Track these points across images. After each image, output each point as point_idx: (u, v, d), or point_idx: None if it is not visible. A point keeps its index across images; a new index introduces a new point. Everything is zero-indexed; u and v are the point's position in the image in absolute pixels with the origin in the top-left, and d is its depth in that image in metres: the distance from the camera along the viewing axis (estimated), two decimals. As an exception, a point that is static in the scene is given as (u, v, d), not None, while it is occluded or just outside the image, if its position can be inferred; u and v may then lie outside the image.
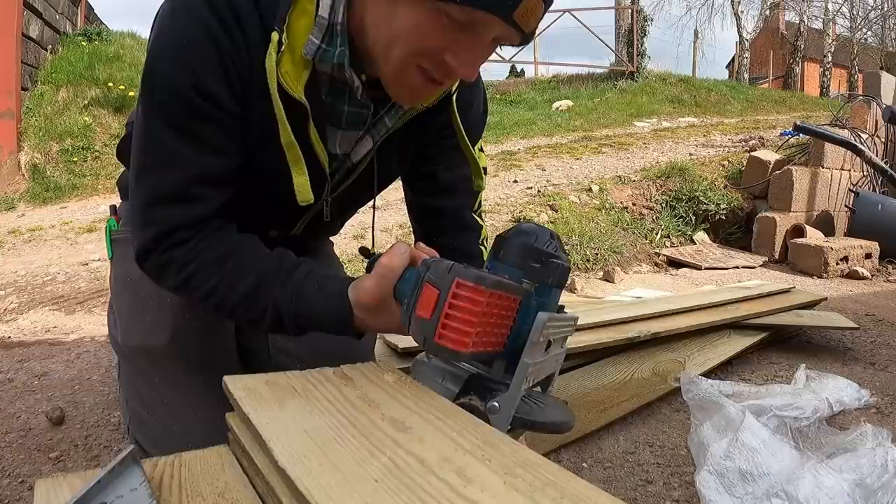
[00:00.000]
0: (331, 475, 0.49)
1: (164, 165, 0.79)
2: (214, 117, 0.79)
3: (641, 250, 3.75)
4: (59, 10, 6.31)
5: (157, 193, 0.80)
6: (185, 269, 0.82)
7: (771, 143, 5.66)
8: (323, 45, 0.79)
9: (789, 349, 2.01)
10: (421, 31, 0.72)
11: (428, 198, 1.11)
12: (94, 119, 5.48)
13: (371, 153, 0.95)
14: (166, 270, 0.83)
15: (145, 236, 0.82)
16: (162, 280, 0.85)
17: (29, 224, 3.87)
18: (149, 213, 0.81)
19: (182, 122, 0.78)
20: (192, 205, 0.81)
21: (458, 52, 0.74)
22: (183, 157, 0.79)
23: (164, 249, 0.82)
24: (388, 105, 0.92)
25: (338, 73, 0.83)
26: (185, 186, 0.80)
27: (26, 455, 1.23)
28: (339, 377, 0.72)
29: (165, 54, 0.76)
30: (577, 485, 0.48)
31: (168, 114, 0.77)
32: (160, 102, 0.77)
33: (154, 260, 0.83)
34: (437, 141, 1.02)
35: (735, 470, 1.07)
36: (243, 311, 0.83)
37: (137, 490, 0.57)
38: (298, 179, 0.84)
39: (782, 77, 18.29)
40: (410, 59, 0.75)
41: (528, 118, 8.11)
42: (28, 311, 2.39)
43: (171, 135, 0.78)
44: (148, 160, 0.80)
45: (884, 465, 1.02)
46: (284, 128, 0.80)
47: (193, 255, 0.82)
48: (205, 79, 0.76)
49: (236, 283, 0.82)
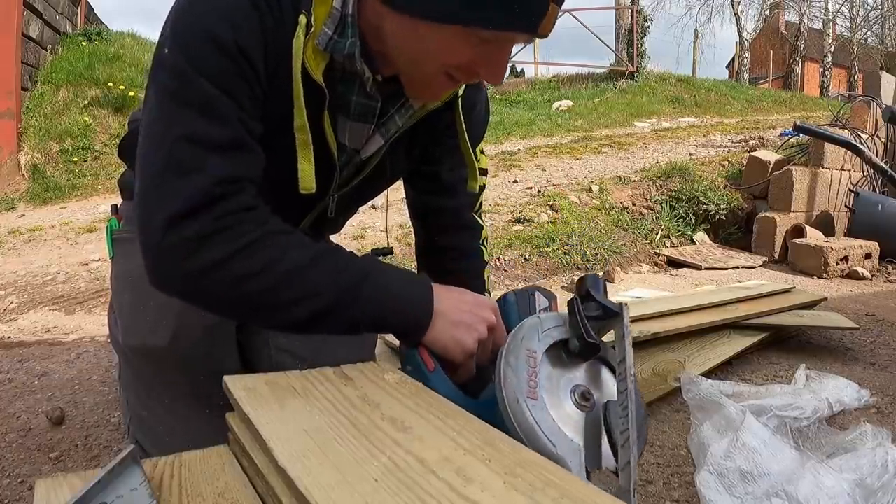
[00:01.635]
0: (331, 475, 0.49)
1: (207, 112, 0.73)
2: (249, 79, 0.76)
3: (641, 250, 3.75)
4: (59, 10, 6.32)
5: (204, 140, 0.72)
6: (253, 231, 0.73)
7: (771, 143, 5.66)
8: (335, 36, 0.79)
9: (789, 349, 2.01)
10: (452, 49, 0.75)
11: (429, 197, 1.11)
12: (94, 119, 5.48)
13: (381, 151, 0.95)
14: (227, 233, 0.72)
15: (189, 186, 0.71)
16: (211, 244, 0.71)
17: (29, 224, 3.87)
18: (198, 160, 0.72)
19: (222, 76, 0.74)
20: (247, 155, 0.76)
21: (486, 62, 0.77)
22: (225, 107, 0.74)
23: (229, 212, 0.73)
24: (399, 103, 0.92)
25: (348, 64, 0.83)
26: (234, 134, 0.75)
27: (26, 455, 1.23)
28: (339, 377, 0.72)
29: (205, 10, 0.73)
30: (577, 485, 0.48)
31: (207, 66, 0.73)
32: (198, 55, 0.73)
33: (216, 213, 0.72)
34: (442, 140, 1.03)
35: (735, 470, 1.07)
36: (308, 277, 0.74)
37: (137, 490, 0.57)
38: (303, 165, 0.83)
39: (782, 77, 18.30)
40: (440, 71, 0.78)
41: (528, 118, 8.11)
42: (28, 311, 2.39)
43: (211, 86, 0.73)
44: (184, 109, 0.73)
45: (884, 465, 1.02)
46: (300, 110, 0.80)
47: (263, 219, 0.75)
48: (247, 38, 0.75)
49: (306, 247, 0.76)
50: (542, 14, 0.72)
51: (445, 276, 1.12)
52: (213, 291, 0.74)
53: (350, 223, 1.24)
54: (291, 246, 0.75)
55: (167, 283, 0.76)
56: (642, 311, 1.88)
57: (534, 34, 0.74)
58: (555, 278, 3.15)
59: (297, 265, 0.74)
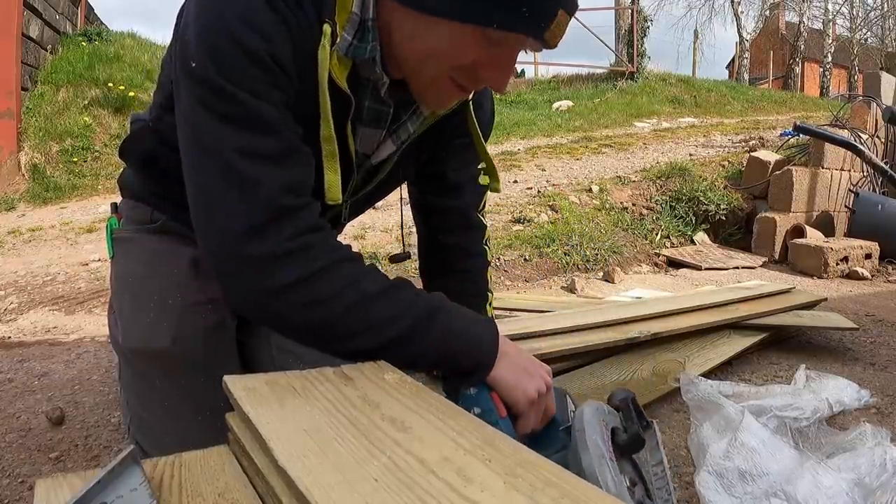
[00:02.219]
0: (331, 475, 0.49)
1: (252, 125, 0.73)
2: (284, 87, 0.75)
3: (641, 250, 3.75)
4: (59, 11, 6.32)
5: (257, 153, 0.72)
6: (325, 257, 0.74)
7: (771, 143, 5.66)
8: (355, 41, 0.79)
9: (789, 349, 2.01)
10: (458, 49, 0.75)
11: (435, 197, 1.11)
12: (94, 119, 5.49)
13: (393, 157, 0.95)
14: (301, 255, 0.73)
15: (254, 198, 0.71)
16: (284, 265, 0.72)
17: (29, 224, 3.87)
18: (255, 171, 0.72)
19: (258, 86, 0.73)
20: (297, 166, 0.76)
21: (491, 67, 0.77)
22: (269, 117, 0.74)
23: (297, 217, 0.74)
24: (411, 110, 0.92)
25: (363, 69, 0.83)
26: (285, 145, 0.74)
27: (26, 455, 1.23)
28: (339, 377, 0.72)
29: (232, 21, 0.72)
30: (577, 485, 0.48)
31: (241, 76, 0.72)
32: (231, 67, 0.72)
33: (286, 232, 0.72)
34: (450, 141, 1.03)
35: (734, 470, 1.07)
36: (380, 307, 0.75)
37: (137, 490, 0.57)
38: (330, 177, 0.81)
39: (782, 77, 18.30)
40: (444, 73, 0.78)
41: (528, 118, 8.11)
42: (28, 312, 2.39)
43: (247, 95, 0.72)
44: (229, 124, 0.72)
45: (882, 465, 1.02)
46: (327, 121, 0.78)
47: (335, 245, 0.77)
48: (278, 47, 0.73)
49: (377, 277, 0.77)
50: (551, 19, 0.72)
51: (450, 275, 1.12)
52: (282, 313, 0.75)
53: (350, 223, 1.24)
54: (362, 276, 0.76)
55: (241, 302, 0.77)
56: (642, 312, 1.88)
57: (540, 40, 0.74)
58: (555, 278, 3.15)
59: (367, 296, 0.74)
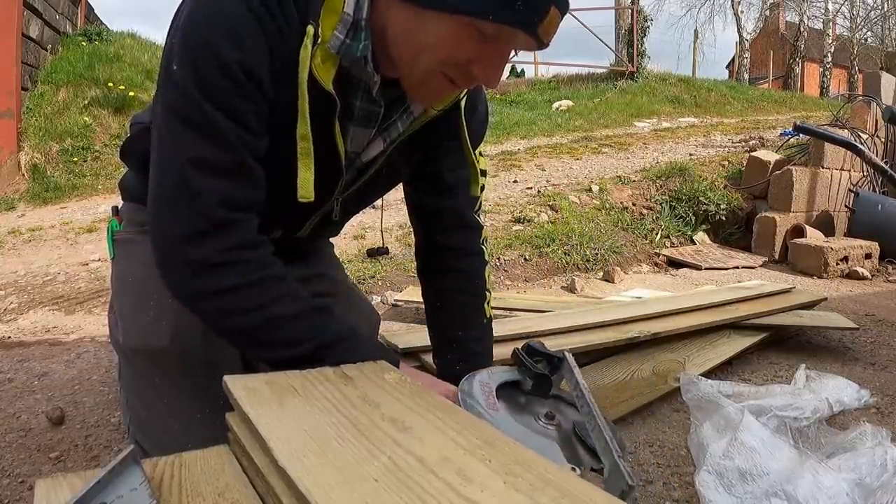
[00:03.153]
0: (331, 475, 0.49)
1: (208, 137, 0.77)
2: (253, 97, 0.79)
3: (641, 250, 3.75)
4: (60, 11, 6.31)
5: (207, 165, 0.77)
6: (254, 273, 0.80)
7: (771, 143, 5.66)
8: (347, 40, 0.80)
9: (789, 349, 2.01)
10: (450, 43, 0.76)
11: (431, 198, 1.11)
12: (94, 119, 5.48)
13: (384, 156, 0.96)
14: (227, 269, 0.79)
15: (196, 207, 0.77)
16: (214, 274, 0.79)
17: (29, 224, 3.87)
18: (201, 183, 0.77)
19: (224, 98, 0.77)
20: (243, 180, 0.80)
21: (483, 62, 0.78)
22: (225, 131, 0.77)
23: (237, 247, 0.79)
24: (402, 109, 0.93)
25: (355, 69, 0.84)
26: (233, 158, 0.78)
27: (26, 455, 1.23)
28: (338, 376, 0.72)
29: (211, 28, 0.75)
30: (576, 484, 0.48)
31: (210, 87, 0.76)
32: (203, 75, 0.75)
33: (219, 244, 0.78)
34: (443, 143, 1.03)
35: (734, 469, 1.07)
36: (298, 326, 0.82)
37: (137, 490, 0.57)
38: (303, 174, 0.84)
39: (782, 77, 18.29)
40: (437, 68, 0.79)
41: (528, 118, 8.11)
42: (28, 312, 2.39)
43: (213, 108, 0.76)
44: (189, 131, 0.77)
45: (883, 465, 1.02)
46: (304, 119, 0.81)
47: (267, 261, 0.82)
48: (252, 57, 0.76)
49: (298, 298, 0.83)
50: (544, 14, 0.73)
51: (447, 275, 1.12)
52: (207, 314, 0.83)
53: (350, 223, 1.24)
54: (279, 298, 0.81)
55: (175, 293, 0.84)
56: (642, 312, 1.88)
57: (533, 36, 0.75)
58: (555, 278, 3.15)
59: (277, 318, 0.81)
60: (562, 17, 0.76)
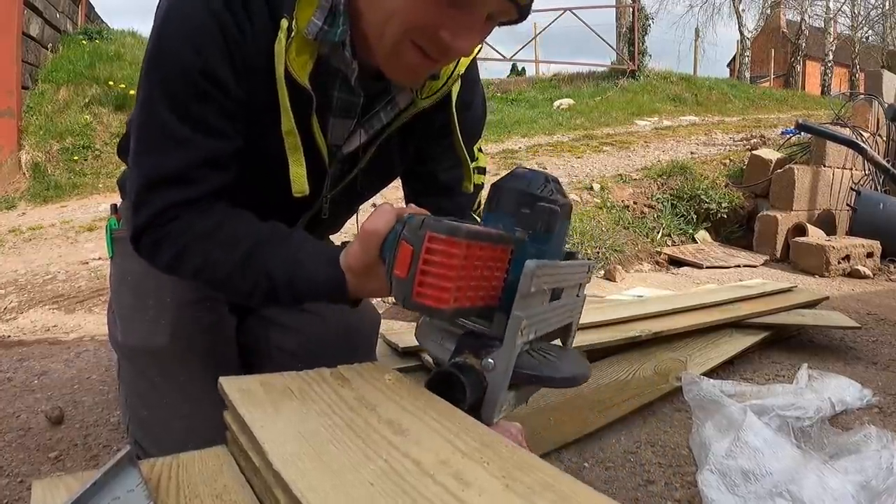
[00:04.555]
0: (326, 478, 0.49)
1: (164, 147, 0.79)
2: (218, 101, 0.79)
3: (643, 249, 3.74)
4: (60, 9, 6.31)
5: (155, 175, 0.80)
6: (178, 241, 0.81)
7: (772, 141, 5.65)
8: (325, 26, 0.79)
9: (791, 348, 2.00)
10: (415, 7, 0.72)
11: (427, 197, 1.10)
12: (94, 118, 5.48)
13: (369, 150, 0.95)
14: (159, 247, 0.82)
15: (139, 218, 0.82)
16: (155, 259, 0.84)
17: (29, 223, 3.87)
18: (145, 194, 0.81)
19: (185, 104, 0.78)
20: (190, 186, 0.81)
21: (452, 28, 0.74)
22: (184, 139, 0.79)
23: (159, 225, 0.81)
24: (385, 101, 0.92)
25: (333, 58, 0.83)
26: (184, 168, 0.80)
27: (25, 454, 1.23)
28: (335, 378, 0.71)
29: (174, 35, 0.76)
30: (575, 488, 0.48)
31: (172, 95, 0.77)
32: (165, 83, 0.77)
33: (148, 238, 0.82)
34: (437, 140, 1.02)
35: (737, 469, 1.06)
36: (236, 282, 0.81)
37: (134, 491, 0.57)
38: (295, 169, 0.84)
39: (783, 76, 18.25)
40: (405, 37, 0.75)
41: (529, 117, 8.09)
42: (28, 310, 2.39)
43: (173, 116, 0.78)
44: (148, 141, 0.80)
45: (889, 468, 1.01)
46: (287, 114, 0.80)
47: (186, 226, 0.81)
48: (212, 62, 0.76)
49: (229, 251, 0.81)
50: None
51: None
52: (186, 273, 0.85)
53: (351, 222, 1.23)
54: (217, 246, 0.82)
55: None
56: (643, 310, 1.88)
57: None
58: (556, 277, 3.14)
59: (222, 275, 0.82)
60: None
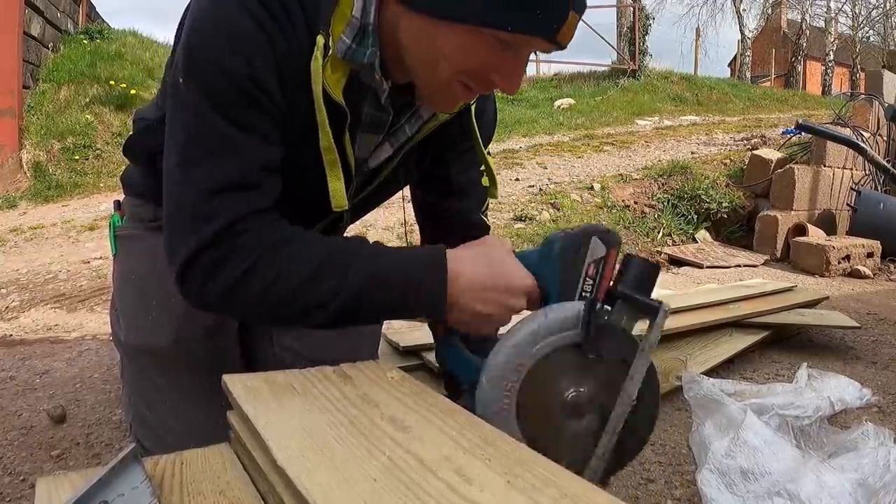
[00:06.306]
0: (329, 474, 0.49)
1: (219, 153, 0.75)
2: (266, 107, 0.77)
3: (643, 248, 3.74)
4: (61, 9, 6.31)
5: (215, 184, 0.75)
6: (250, 256, 0.75)
7: (773, 141, 5.65)
8: (353, 44, 0.78)
9: (791, 348, 2.01)
10: (468, 52, 0.74)
11: (439, 199, 1.11)
12: (95, 117, 5.48)
13: (392, 161, 0.96)
14: (222, 266, 0.75)
15: (201, 235, 0.74)
16: (212, 282, 0.76)
17: (30, 222, 3.87)
18: (206, 206, 0.74)
19: (236, 110, 0.75)
20: (256, 193, 0.77)
21: (503, 70, 0.76)
22: (239, 144, 0.75)
23: (227, 240, 0.75)
24: (410, 113, 0.92)
25: (364, 76, 0.82)
26: (246, 173, 0.76)
27: (28, 453, 1.23)
28: (338, 376, 0.72)
29: (217, 41, 0.73)
30: (576, 484, 0.48)
31: (221, 101, 0.74)
32: (213, 90, 0.74)
33: (209, 257, 0.75)
34: (453, 145, 1.03)
35: (736, 468, 1.07)
36: (308, 292, 0.75)
37: (139, 488, 0.57)
38: (334, 184, 0.82)
39: (784, 76, 18.23)
40: (455, 77, 0.77)
41: (529, 116, 8.09)
42: (30, 310, 2.39)
43: (225, 123, 0.75)
44: (199, 150, 0.75)
45: (886, 465, 1.01)
46: (325, 131, 0.79)
47: (257, 239, 0.76)
48: (260, 68, 0.74)
49: (306, 258, 0.76)
50: (563, 20, 0.72)
51: None
52: (235, 309, 0.79)
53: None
54: (292, 259, 0.76)
55: (199, 307, 0.80)
56: (643, 310, 1.88)
57: (552, 42, 0.74)
58: (556, 277, 3.14)
59: (297, 283, 0.75)
60: (580, 16, 0.74)
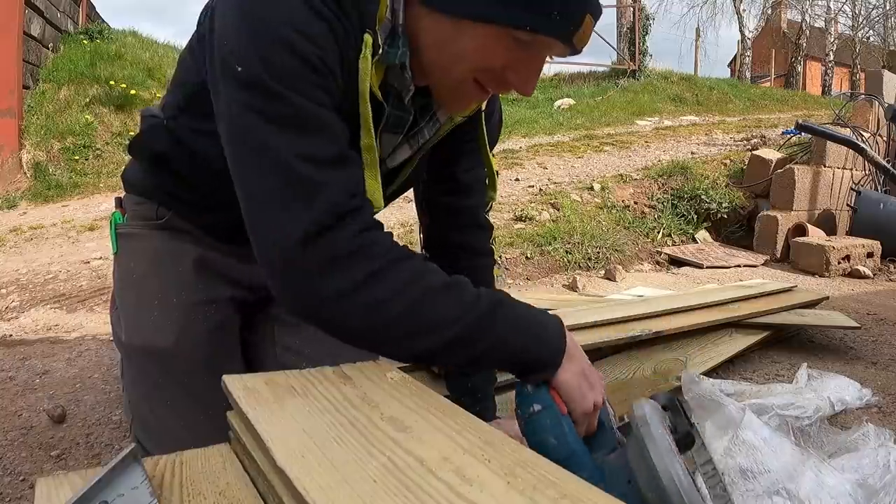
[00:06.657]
0: (329, 475, 0.49)
1: (311, 129, 0.71)
2: (333, 93, 0.74)
3: (643, 249, 3.74)
4: (61, 9, 6.31)
5: (316, 157, 0.71)
6: (380, 258, 0.71)
7: (773, 141, 5.65)
8: (386, 46, 0.78)
9: (791, 348, 2.01)
10: (486, 51, 0.75)
11: (445, 197, 1.12)
12: (95, 117, 5.48)
13: (413, 162, 0.97)
14: (352, 260, 0.70)
15: (319, 203, 0.69)
16: (347, 265, 0.70)
17: (30, 222, 3.87)
18: (319, 175, 0.70)
19: (314, 91, 0.72)
20: (353, 168, 0.75)
21: (519, 70, 0.77)
22: (324, 119, 0.73)
23: (361, 233, 0.71)
24: (428, 116, 0.93)
25: (391, 75, 0.82)
26: (342, 146, 0.73)
27: (27, 453, 1.23)
28: (338, 376, 0.72)
29: (284, 26, 0.70)
30: (576, 485, 0.48)
31: (297, 82, 0.71)
32: (285, 70, 0.70)
33: (341, 245, 0.70)
34: (461, 145, 1.04)
35: (735, 467, 1.07)
36: (429, 307, 0.72)
37: (138, 488, 0.57)
38: (371, 184, 0.80)
39: (784, 76, 18.23)
40: (470, 75, 0.78)
41: (529, 116, 8.09)
42: (29, 310, 2.39)
43: (305, 100, 0.71)
44: (285, 130, 0.70)
45: (886, 466, 1.02)
46: (368, 130, 0.78)
47: (387, 246, 0.73)
48: (328, 54, 0.72)
49: (434, 274, 0.74)
50: (580, 23, 0.73)
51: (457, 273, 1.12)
52: (349, 316, 0.71)
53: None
54: (424, 272, 0.74)
55: (302, 307, 0.73)
56: (644, 310, 1.88)
57: (569, 44, 0.75)
58: (556, 277, 3.14)
59: (430, 291, 0.72)
60: (595, 22, 0.75)
